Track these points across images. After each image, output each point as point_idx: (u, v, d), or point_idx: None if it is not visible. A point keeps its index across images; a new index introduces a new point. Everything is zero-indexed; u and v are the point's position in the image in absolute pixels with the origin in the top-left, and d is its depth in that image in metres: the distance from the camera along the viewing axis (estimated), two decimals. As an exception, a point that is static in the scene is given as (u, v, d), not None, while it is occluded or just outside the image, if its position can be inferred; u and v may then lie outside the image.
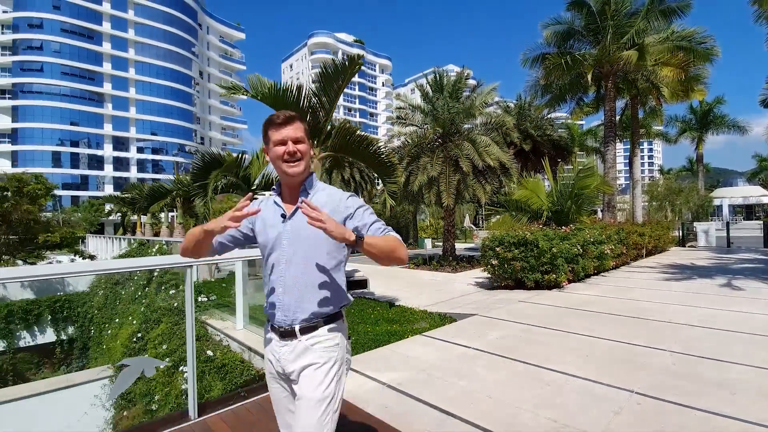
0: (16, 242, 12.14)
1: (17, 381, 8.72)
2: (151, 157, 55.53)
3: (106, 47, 51.51)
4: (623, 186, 44.46)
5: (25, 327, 9.71)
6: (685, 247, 15.71)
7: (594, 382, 3.07)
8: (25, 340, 9.81)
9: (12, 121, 46.74)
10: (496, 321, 5.13)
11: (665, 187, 25.00)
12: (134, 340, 5.54)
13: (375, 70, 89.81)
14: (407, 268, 13.07)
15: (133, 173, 53.58)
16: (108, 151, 51.94)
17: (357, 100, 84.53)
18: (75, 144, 49.17)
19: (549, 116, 19.72)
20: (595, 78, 14.15)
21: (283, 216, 1.45)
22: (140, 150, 54.81)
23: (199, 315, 5.84)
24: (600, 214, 15.49)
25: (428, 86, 12.86)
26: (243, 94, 5.51)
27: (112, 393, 4.74)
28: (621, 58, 12.36)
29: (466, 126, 12.80)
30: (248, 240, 1.54)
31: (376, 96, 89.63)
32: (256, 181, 8.60)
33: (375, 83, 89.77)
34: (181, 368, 4.22)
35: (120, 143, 53.12)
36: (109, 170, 51.98)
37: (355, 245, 1.27)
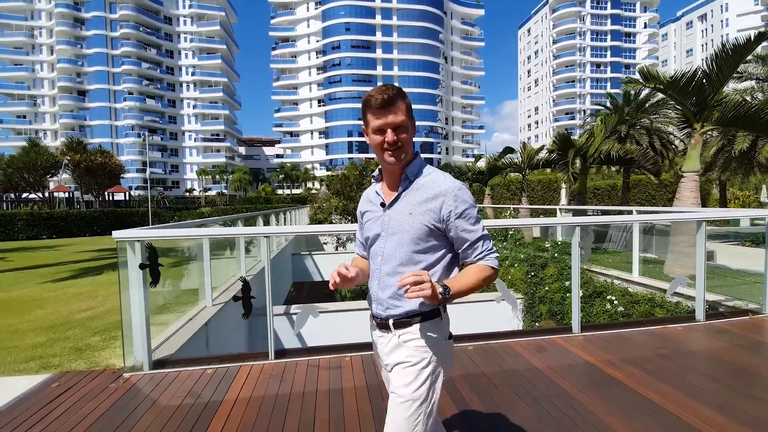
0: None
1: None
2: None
3: (378, 53, 63.84)
4: None
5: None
6: None
7: None
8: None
9: (325, 122, 65.26)
10: None
11: None
12: (529, 276, 7.82)
13: (634, 10, 74.38)
14: (737, 245, 11.51)
15: (397, 154, 65.89)
16: (381, 138, 65.45)
17: (608, 52, 72.67)
18: (360, 134, 64.07)
19: None
20: None
21: (382, 205, 1.37)
22: (401, 135, 66.27)
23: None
24: None
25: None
26: (640, 86, 6.56)
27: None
28: None
29: None
30: None
31: (634, 42, 74.56)
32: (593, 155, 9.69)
33: (634, 26, 74.48)
34: (608, 297, 5.97)
35: (388, 131, 65.89)
36: (382, 153, 65.74)
37: (446, 302, 1.20)
